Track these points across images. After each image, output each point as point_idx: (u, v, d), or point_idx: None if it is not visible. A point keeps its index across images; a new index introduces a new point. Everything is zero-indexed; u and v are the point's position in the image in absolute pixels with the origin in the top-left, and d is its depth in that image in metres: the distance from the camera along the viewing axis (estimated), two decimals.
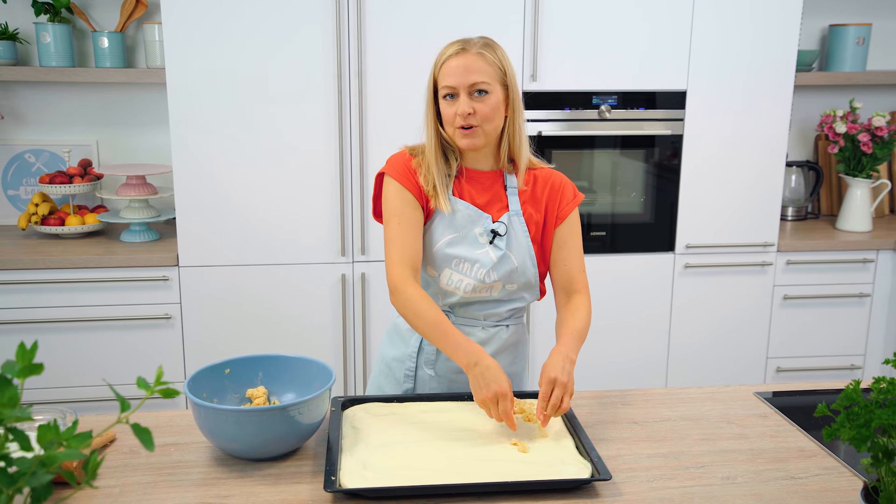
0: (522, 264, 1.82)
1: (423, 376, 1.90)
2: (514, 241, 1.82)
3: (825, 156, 3.73)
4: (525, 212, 1.84)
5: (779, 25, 3.07)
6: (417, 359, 1.89)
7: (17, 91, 3.29)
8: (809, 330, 3.33)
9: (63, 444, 0.98)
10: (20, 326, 2.87)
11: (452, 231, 1.80)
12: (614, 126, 3.07)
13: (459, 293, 1.81)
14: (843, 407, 1.06)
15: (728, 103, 3.10)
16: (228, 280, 2.96)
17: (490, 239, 1.80)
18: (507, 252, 1.80)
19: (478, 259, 1.79)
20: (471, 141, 1.75)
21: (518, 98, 1.78)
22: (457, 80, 1.71)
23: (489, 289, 1.82)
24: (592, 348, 3.19)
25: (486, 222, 1.81)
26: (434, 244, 1.81)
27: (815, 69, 3.68)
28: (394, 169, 1.82)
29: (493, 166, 1.84)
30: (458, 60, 1.71)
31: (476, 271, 1.80)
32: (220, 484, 1.46)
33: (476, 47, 1.72)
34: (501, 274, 1.81)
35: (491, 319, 1.86)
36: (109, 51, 3.16)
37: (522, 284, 1.85)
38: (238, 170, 2.90)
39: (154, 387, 0.97)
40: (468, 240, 1.81)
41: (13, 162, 3.34)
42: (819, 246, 3.27)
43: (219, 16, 2.78)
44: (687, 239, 3.17)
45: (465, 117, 1.71)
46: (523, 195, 1.84)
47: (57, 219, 3.12)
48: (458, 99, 1.72)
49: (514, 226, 1.82)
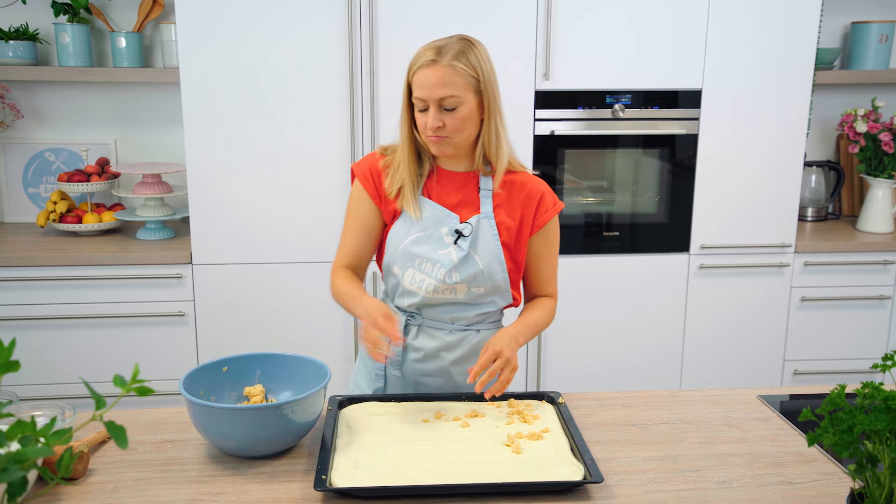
0: (489, 268, 1.80)
1: (390, 377, 1.90)
2: (480, 243, 1.80)
3: (846, 156, 3.67)
4: (497, 216, 1.82)
5: (797, 23, 3.02)
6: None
7: (37, 90, 3.33)
8: (828, 332, 3.28)
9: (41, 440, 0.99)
10: (36, 322, 2.91)
11: (418, 230, 1.80)
12: (628, 125, 3.05)
13: (421, 293, 1.81)
14: (828, 412, 1.04)
15: (744, 102, 3.06)
16: (241, 278, 2.98)
17: (454, 239, 1.79)
18: (470, 253, 1.79)
19: (439, 259, 1.79)
20: (440, 149, 1.76)
21: (495, 101, 1.75)
22: (426, 94, 1.69)
23: (452, 290, 1.81)
24: (605, 348, 3.18)
25: (452, 222, 1.80)
26: (400, 242, 1.82)
27: (837, 67, 3.62)
28: (359, 168, 1.85)
29: (468, 167, 1.83)
30: (428, 72, 1.69)
31: (437, 271, 1.79)
32: (213, 481, 1.47)
33: (448, 57, 1.68)
34: (464, 276, 1.79)
35: (459, 323, 1.85)
36: (127, 50, 3.20)
37: (490, 288, 1.83)
38: (251, 169, 2.92)
39: (130, 384, 0.98)
40: (433, 239, 1.80)
41: (33, 160, 3.39)
42: (838, 247, 3.22)
43: (232, 16, 2.80)
44: (702, 239, 3.14)
45: (434, 130, 1.71)
46: (497, 198, 1.82)
47: (74, 216, 3.16)
48: (429, 111, 1.71)
49: (482, 228, 1.80)
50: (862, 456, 1.01)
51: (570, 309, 3.12)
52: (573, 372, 3.17)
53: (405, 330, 1.86)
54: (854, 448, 0.99)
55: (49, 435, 0.99)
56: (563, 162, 3.07)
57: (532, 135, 2.99)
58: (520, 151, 2.95)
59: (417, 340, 1.85)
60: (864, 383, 1.07)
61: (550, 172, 3.05)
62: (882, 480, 1.01)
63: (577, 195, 3.13)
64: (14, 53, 3.16)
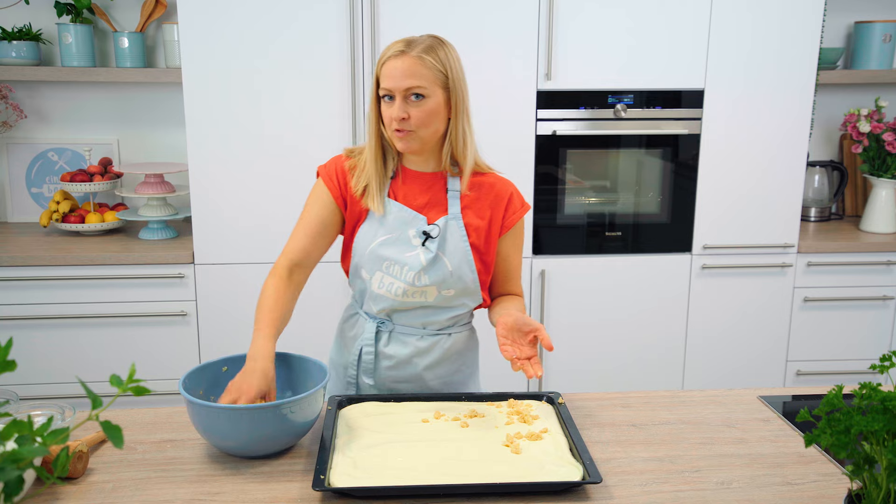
0: (458, 269, 1.79)
1: (363, 385, 1.89)
2: (449, 244, 1.78)
3: (850, 156, 3.66)
4: (465, 217, 1.80)
5: (800, 22, 3.02)
6: (358, 366, 1.88)
7: (41, 90, 3.34)
8: (831, 333, 3.27)
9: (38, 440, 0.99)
10: (39, 322, 2.92)
11: (385, 232, 1.79)
12: (631, 125, 3.04)
13: (391, 297, 1.79)
14: (825, 413, 1.04)
15: (747, 102, 3.06)
16: (243, 278, 2.98)
17: (422, 241, 1.78)
18: (439, 255, 1.77)
19: (407, 261, 1.77)
20: (405, 144, 1.73)
21: (463, 101, 1.74)
22: (393, 84, 1.68)
23: (422, 293, 1.79)
24: (607, 348, 3.17)
25: (420, 224, 1.79)
26: (367, 246, 1.80)
27: (841, 67, 3.61)
28: (325, 168, 1.84)
29: (435, 168, 1.81)
30: (396, 63, 1.68)
31: (405, 273, 1.78)
32: (212, 481, 1.48)
33: (417, 49, 1.69)
34: (434, 278, 1.78)
35: (430, 328, 1.84)
36: (130, 51, 3.20)
37: (460, 290, 1.81)
38: (253, 168, 2.92)
39: (126, 384, 0.98)
40: (400, 241, 1.78)
41: (37, 160, 3.40)
42: (841, 247, 3.21)
43: (233, 17, 2.80)
44: (704, 239, 3.13)
45: (398, 121, 1.70)
46: (465, 200, 1.81)
47: (77, 216, 3.17)
48: (395, 102, 1.70)
49: (450, 229, 1.79)
50: (859, 457, 1.01)
51: (572, 309, 3.12)
52: (575, 372, 3.17)
53: (376, 336, 1.84)
54: (851, 449, 0.99)
55: (45, 435, 1.00)
56: (565, 162, 3.06)
57: (534, 135, 2.99)
58: (522, 151, 2.98)
59: (389, 348, 1.84)
60: (861, 384, 1.07)
61: (552, 172, 3.05)
62: (879, 481, 1.01)
63: (580, 195, 3.13)
64: (17, 54, 3.17)
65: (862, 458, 1.00)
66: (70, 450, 1.46)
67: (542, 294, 3.08)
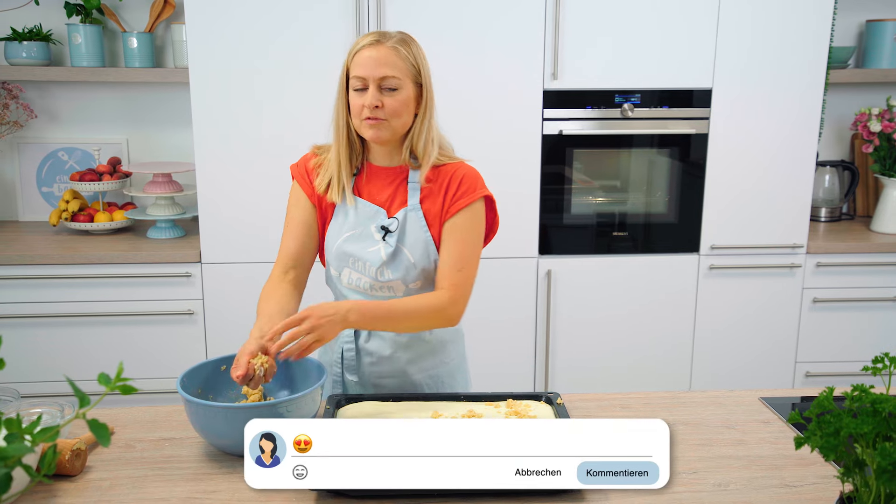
0: (420, 261, 1.78)
1: (349, 382, 1.89)
2: (409, 236, 1.78)
3: (861, 155, 3.63)
4: (424, 207, 1.79)
5: (809, 21, 2.99)
6: (342, 364, 1.89)
7: (51, 90, 3.37)
8: (840, 334, 3.24)
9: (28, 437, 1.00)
10: (47, 320, 2.94)
11: (349, 228, 1.80)
12: (638, 125, 3.03)
13: (360, 292, 1.81)
14: (816, 415, 1.03)
15: (756, 101, 3.04)
16: (250, 277, 2.99)
17: (382, 235, 1.79)
18: (399, 247, 1.78)
19: (368, 257, 1.78)
20: (376, 133, 1.72)
21: (431, 97, 1.76)
22: (367, 72, 1.69)
23: (389, 288, 1.80)
24: (614, 349, 3.16)
25: (380, 218, 1.79)
26: (333, 242, 1.82)
27: (852, 66, 3.58)
28: (296, 168, 1.87)
29: (397, 162, 1.82)
30: (370, 52, 1.70)
31: (368, 269, 1.79)
32: (208, 479, 1.48)
33: (391, 41, 1.71)
34: (397, 272, 1.78)
35: None
36: (139, 51, 3.22)
37: (426, 283, 1.81)
38: (259, 168, 2.93)
39: (114, 383, 0.99)
40: (363, 237, 1.80)
41: (47, 160, 3.42)
42: (850, 248, 3.18)
43: (239, 17, 2.81)
44: (712, 240, 3.12)
45: (371, 109, 1.70)
46: (424, 190, 1.79)
47: (86, 215, 3.19)
48: (368, 91, 1.70)
49: (409, 221, 1.79)
50: (850, 460, 1.00)
51: (578, 309, 3.11)
52: (582, 371, 3.16)
53: (356, 333, 1.85)
54: (840, 451, 0.98)
55: (35, 433, 1.00)
56: (571, 162, 3.05)
57: (540, 134, 2.98)
58: (528, 151, 2.97)
59: (370, 344, 1.84)
60: (853, 386, 1.06)
61: (559, 172, 3.04)
62: (871, 484, 1.00)
63: (587, 195, 3.12)
64: (28, 54, 3.19)
65: (852, 461, 1.00)
66: (69, 448, 1.47)
67: (548, 294, 3.07)
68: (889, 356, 1.04)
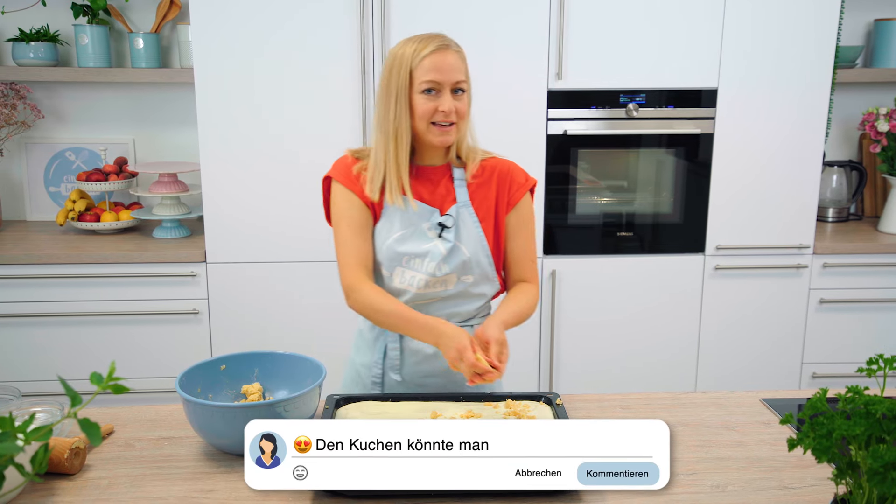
0: (475, 255, 1.81)
1: (390, 382, 1.89)
2: (463, 232, 1.81)
3: (869, 155, 3.60)
4: (474, 202, 1.83)
5: (816, 20, 2.97)
6: (383, 365, 1.89)
7: (58, 91, 3.39)
8: (848, 335, 3.22)
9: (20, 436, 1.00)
10: (53, 319, 2.96)
11: (401, 228, 1.81)
12: (642, 125, 3.02)
13: (412, 290, 1.81)
14: (809, 416, 1.03)
15: (761, 101, 3.02)
16: (254, 276, 3.00)
17: (438, 232, 1.80)
18: (456, 244, 1.80)
19: (427, 252, 1.79)
20: (445, 138, 1.77)
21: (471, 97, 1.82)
22: (443, 77, 1.72)
23: (443, 283, 1.81)
24: (618, 349, 3.15)
25: (434, 216, 1.81)
26: (384, 243, 1.81)
27: (860, 65, 3.56)
28: (339, 173, 1.84)
29: (442, 161, 1.85)
30: (442, 57, 1.73)
31: (426, 265, 1.79)
32: (206, 478, 1.49)
33: (454, 46, 1.76)
34: (453, 266, 1.80)
35: (453, 320, 1.84)
36: (145, 51, 3.24)
37: (479, 276, 1.84)
38: (264, 168, 2.93)
39: (106, 381, 0.99)
40: (417, 235, 1.80)
41: (54, 160, 3.44)
42: (857, 248, 3.16)
43: (243, 16, 2.82)
44: (717, 240, 3.10)
45: (447, 114, 1.73)
46: (472, 186, 1.84)
47: (93, 215, 3.21)
48: (440, 95, 1.73)
49: (462, 217, 1.82)
50: (843, 461, 0.99)
51: (583, 309, 3.10)
52: (587, 371, 3.15)
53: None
54: (832, 453, 0.97)
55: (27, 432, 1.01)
56: (576, 162, 3.05)
57: (545, 134, 2.98)
58: (532, 150, 2.97)
59: (414, 342, 1.85)
60: (848, 387, 1.05)
61: (564, 172, 3.04)
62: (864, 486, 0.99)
63: (591, 195, 3.11)
64: (35, 54, 3.21)
65: (845, 463, 0.99)
66: (67, 446, 1.48)
67: (552, 294, 3.07)
68: (883, 357, 1.03)
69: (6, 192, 3.44)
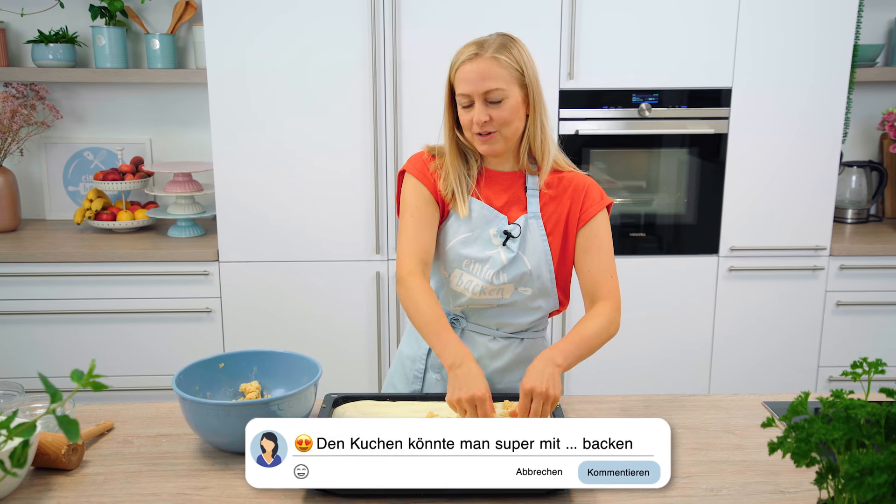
0: (537, 268, 1.78)
1: (430, 379, 1.89)
2: (529, 243, 1.78)
3: (889, 156, 3.55)
4: (545, 214, 1.79)
5: (833, 18, 2.93)
6: (427, 361, 1.89)
7: (76, 91, 3.43)
8: (865, 338, 3.17)
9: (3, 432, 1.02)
10: (69, 317, 3.00)
11: (466, 231, 1.78)
12: (655, 125, 3.00)
13: (468, 294, 1.79)
14: (789, 420, 1.01)
15: (777, 101, 2.98)
16: (266, 275, 3.02)
17: (503, 240, 1.77)
18: (519, 254, 1.77)
19: (488, 259, 1.77)
20: (489, 147, 1.73)
21: (539, 96, 1.74)
22: (471, 88, 1.68)
23: (499, 291, 1.79)
24: (632, 351, 3.13)
25: (501, 223, 1.78)
26: (447, 243, 1.80)
27: (881, 64, 3.50)
28: (413, 167, 1.82)
29: (514, 167, 1.81)
30: (471, 66, 1.68)
31: (485, 272, 1.77)
32: (200, 475, 1.50)
33: (490, 50, 1.68)
34: (512, 276, 1.77)
35: (504, 330, 1.83)
36: (161, 52, 3.27)
37: (537, 290, 1.80)
38: (275, 167, 2.95)
39: (86, 379, 1.00)
40: (481, 240, 1.78)
41: (73, 159, 3.49)
42: (875, 251, 3.11)
43: (256, 18, 2.84)
44: (731, 241, 3.07)
45: (481, 125, 1.69)
46: (544, 197, 1.79)
47: (109, 214, 3.25)
48: (475, 107, 1.69)
49: (530, 228, 1.78)
50: (823, 466, 0.98)
51: None
52: (600, 372, 3.13)
53: None
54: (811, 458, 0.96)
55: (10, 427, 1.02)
56: (588, 162, 3.03)
57: (556, 134, 2.97)
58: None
59: None
60: (832, 391, 1.03)
61: None
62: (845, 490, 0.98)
63: None
64: (54, 56, 3.26)
65: (825, 467, 0.97)
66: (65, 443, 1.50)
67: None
68: (867, 361, 1.01)
69: (26, 191, 3.50)
